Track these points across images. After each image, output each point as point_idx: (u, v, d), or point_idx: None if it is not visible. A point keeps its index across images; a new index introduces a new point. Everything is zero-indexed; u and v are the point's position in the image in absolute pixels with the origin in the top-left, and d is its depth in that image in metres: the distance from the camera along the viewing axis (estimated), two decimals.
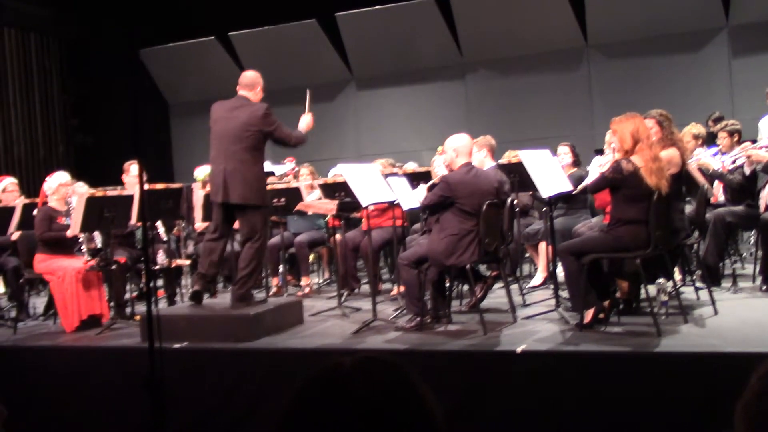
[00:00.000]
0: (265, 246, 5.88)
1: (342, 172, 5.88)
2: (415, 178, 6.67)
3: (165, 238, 7.17)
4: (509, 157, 7.17)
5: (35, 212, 6.58)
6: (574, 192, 6.17)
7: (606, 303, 4.91)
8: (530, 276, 7.33)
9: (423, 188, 5.74)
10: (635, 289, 5.24)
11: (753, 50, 10.49)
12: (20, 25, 12.87)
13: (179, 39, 12.81)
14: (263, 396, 4.70)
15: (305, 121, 5.98)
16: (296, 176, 8.32)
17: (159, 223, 7.10)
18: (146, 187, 3.50)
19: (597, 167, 5.53)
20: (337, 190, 6.80)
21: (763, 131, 7.30)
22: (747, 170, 6.07)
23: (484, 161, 6.73)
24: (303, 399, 1.14)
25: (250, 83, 5.79)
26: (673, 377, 4.03)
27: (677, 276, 5.78)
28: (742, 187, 6.14)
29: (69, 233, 6.31)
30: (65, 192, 6.63)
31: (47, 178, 6.80)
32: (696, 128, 6.85)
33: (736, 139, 6.54)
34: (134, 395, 3.06)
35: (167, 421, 2.91)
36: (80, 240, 6.51)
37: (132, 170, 7.11)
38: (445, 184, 5.24)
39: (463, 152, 5.38)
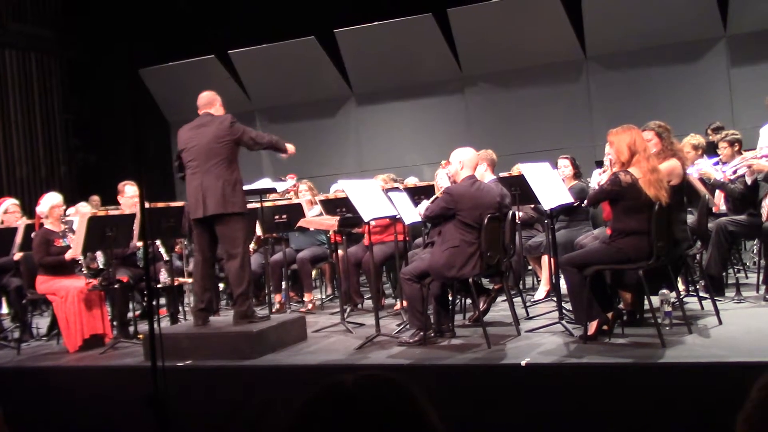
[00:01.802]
0: (249, 256, 5.86)
1: (343, 187, 5.89)
2: (416, 193, 6.68)
3: (166, 258, 7.16)
4: (518, 170, 7.17)
5: (33, 235, 6.57)
6: (578, 204, 6.19)
7: (609, 315, 4.90)
8: (533, 289, 7.32)
9: (426, 203, 5.75)
10: (638, 300, 5.23)
11: (751, 59, 10.53)
12: (21, 45, 12.95)
13: (179, 57, 12.87)
14: (267, 413, 4.68)
15: (291, 147, 6.07)
16: (297, 193, 8.33)
17: (159, 242, 7.09)
18: (146, 205, 3.51)
19: (597, 181, 5.53)
20: (338, 206, 6.82)
21: (763, 139, 7.30)
22: (748, 179, 6.07)
23: (484, 175, 6.74)
24: (305, 417, 1.14)
25: (208, 102, 5.84)
26: (678, 388, 4.01)
27: (680, 286, 5.77)
28: (744, 197, 6.13)
29: (68, 256, 6.30)
30: (59, 213, 6.61)
31: (39, 201, 6.76)
32: (695, 139, 6.85)
33: (736, 148, 6.54)
34: (138, 414, 3.05)
35: None
36: (80, 261, 6.49)
37: (126, 191, 7.07)
38: (448, 195, 5.26)
39: (468, 165, 5.41)
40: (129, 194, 7.01)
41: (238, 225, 5.61)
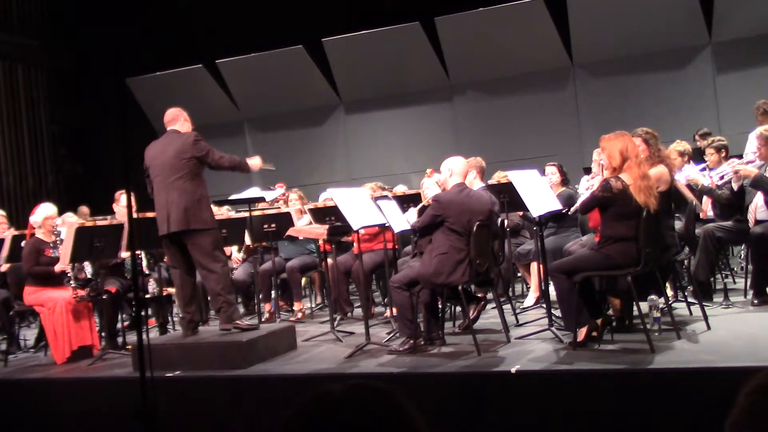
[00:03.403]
0: (227, 264, 5.85)
1: (332, 196, 5.89)
2: (405, 201, 6.69)
3: (147, 272, 7.11)
4: (498, 177, 7.20)
5: (23, 245, 6.54)
6: (566, 212, 6.20)
7: (599, 321, 4.91)
8: (523, 296, 7.33)
9: (413, 211, 5.75)
10: (627, 306, 5.25)
11: (736, 66, 10.61)
12: (7, 56, 12.90)
13: (167, 67, 12.85)
14: (257, 423, 4.67)
15: (255, 161, 6.02)
16: (286, 202, 8.32)
17: (142, 254, 7.03)
18: (135, 216, 3.50)
19: (586, 187, 5.55)
20: (327, 215, 6.81)
21: (752, 144, 7.35)
22: (735, 185, 6.11)
23: (473, 182, 6.76)
24: (295, 427, 1.13)
25: (173, 118, 5.87)
26: (667, 393, 4.03)
27: (669, 292, 5.79)
28: (731, 202, 6.17)
29: (57, 268, 6.27)
30: (51, 224, 6.58)
31: (33, 211, 6.75)
32: (681, 145, 6.90)
33: (723, 154, 6.59)
34: (127, 426, 3.04)
35: None
36: (68, 274, 6.44)
37: (122, 200, 7.08)
38: (436, 203, 5.27)
39: (458, 173, 5.43)
40: (124, 203, 6.99)
41: (205, 239, 5.57)
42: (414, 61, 12.10)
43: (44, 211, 6.62)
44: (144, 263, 7.10)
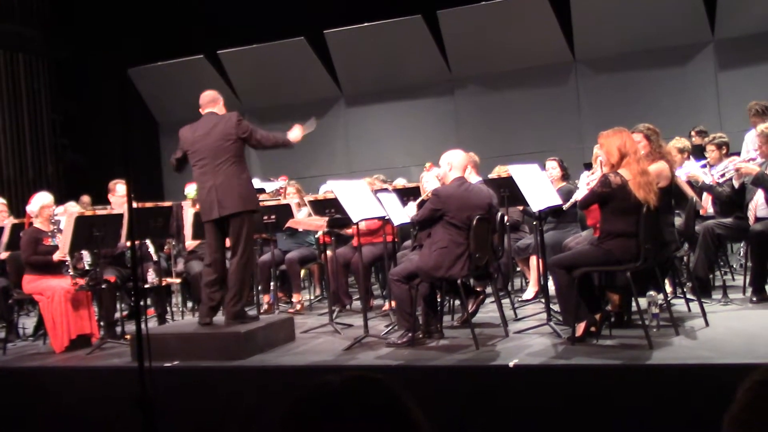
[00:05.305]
0: (253, 257, 5.80)
1: (332, 188, 5.88)
2: (405, 194, 6.69)
3: (155, 258, 7.12)
4: (499, 171, 7.20)
5: (21, 234, 6.53)
6: (564, 206, 6.20)
7: (597, 316, 4.91)
8: (522, 290, 7.34)
9: (413, 205, 5.75)
10: (626, 301, 5.25)
11: (739, 64, 10.59)
12: (8, 46, 12.88)
13: (168, 57, 12.82)
14: (255, 414, 4.67)
15: (295, 133, 5.95)
16: (285, 195, 8.31)
17: (149, 242, 7.05)
18: (134, 205, 3.50)
19: (585, 183, 5.55)
20: (327, 207, 6.81)
21: (748, 145, 7.35)
22: (736, 183, 6.11)
23: (469, 177, 6.75)
24: (293, 419, 1.14)
25: (213, 99, 5.76)
26: (665, 389, 4.03)
27: (668, 288, 5.80)
28: (731, 200, 6.17)
29: (56, 256, 6.26)
30: (49, 213, 6.57)
31: (29, 201, 6.73)
32: (680, 142, 6.89)
33: (724, 151, 6.59)
34: (125, 415, 3.04)
35: None
36: (67, 262, 6.44)
37: (118, 189, 7.05)
38: (436, 197, 5.27)
39: (458, 166, 5.42)
40: (120, 193, 6.98)
41: (248, 223, 5.57)
42: (415, 55, 12.08)
43: (40, 200, 6.60)
44: (152, 249, 7.08)
